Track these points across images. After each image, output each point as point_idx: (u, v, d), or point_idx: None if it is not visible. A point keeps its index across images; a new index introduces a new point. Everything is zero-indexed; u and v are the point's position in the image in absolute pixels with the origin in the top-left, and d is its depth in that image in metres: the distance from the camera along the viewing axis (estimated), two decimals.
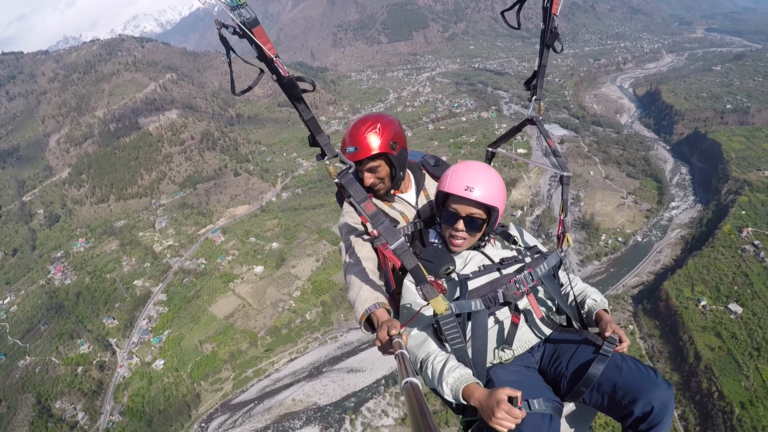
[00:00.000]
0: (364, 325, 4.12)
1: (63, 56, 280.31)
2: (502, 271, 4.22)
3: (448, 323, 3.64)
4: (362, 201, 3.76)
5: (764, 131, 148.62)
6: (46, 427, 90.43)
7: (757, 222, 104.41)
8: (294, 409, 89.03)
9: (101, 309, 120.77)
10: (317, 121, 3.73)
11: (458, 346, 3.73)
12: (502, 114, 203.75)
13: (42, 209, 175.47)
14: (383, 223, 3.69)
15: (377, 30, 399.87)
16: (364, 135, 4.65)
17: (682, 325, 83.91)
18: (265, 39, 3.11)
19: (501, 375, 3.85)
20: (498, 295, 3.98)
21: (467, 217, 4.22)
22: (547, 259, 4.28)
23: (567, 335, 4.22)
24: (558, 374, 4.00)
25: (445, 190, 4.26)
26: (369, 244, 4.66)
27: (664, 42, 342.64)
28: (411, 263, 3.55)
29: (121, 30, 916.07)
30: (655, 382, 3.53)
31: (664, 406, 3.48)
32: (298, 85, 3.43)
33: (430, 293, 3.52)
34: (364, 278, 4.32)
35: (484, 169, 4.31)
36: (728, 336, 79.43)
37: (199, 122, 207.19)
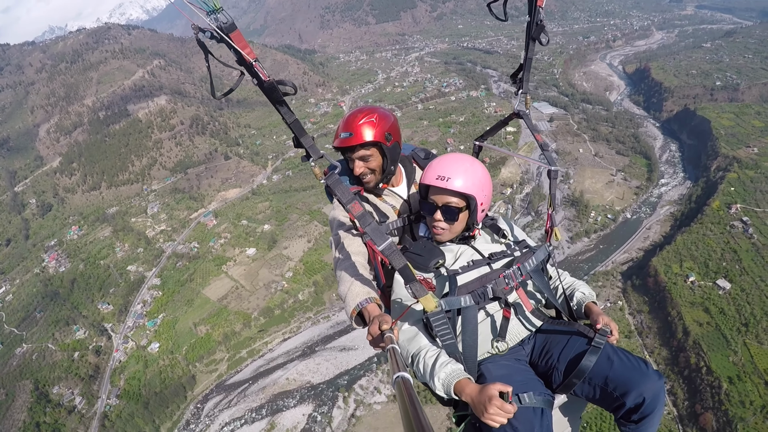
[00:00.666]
0: (355, 319, 4.15)
1: (50, 46, 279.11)
2: (491, 265, 4.27)
3: (438, 320, 3.70)
4: (349, 202, 3.80)
5: (754, 108, 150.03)
6: (45, 412, 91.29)
7: (746, 198, 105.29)
8: (288, 388, 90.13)
9: (96, 295, 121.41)
10: (300, 123, 3.78)
11: (449, 341, 3.78)
12: (492, 92, 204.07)
13: (34, 199, 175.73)
14: (370, 224, 3.72)
15: (365, 11, 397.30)
16: (360, 123, 4.65)
17: (671, 301, 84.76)
18: (244, 43, 3.18)
19: (492, 369, 3.91)
20: (487, 290, 4.04)
21: (443, 207, 4.27)
22: (535, 253, 4.35)
23: (557, 327, 4.27)
24: (549, 366, 4.06)
25: (422, 181, 4.37)
26: (359, 239, 4.70)
27: (654, 19, 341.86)
28: (399, 263, 3.58)
29: (107, 18, 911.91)
30: (646, 374, 3.62)
31: (656, 397, 3.58)
32: (279, 89, 3.46)
33: (419, 291, 3.55)
34: (355, 273, 4.37)
35: (462, 160, 4.35)
36: (716, 311, 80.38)
37: (188, 107, 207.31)
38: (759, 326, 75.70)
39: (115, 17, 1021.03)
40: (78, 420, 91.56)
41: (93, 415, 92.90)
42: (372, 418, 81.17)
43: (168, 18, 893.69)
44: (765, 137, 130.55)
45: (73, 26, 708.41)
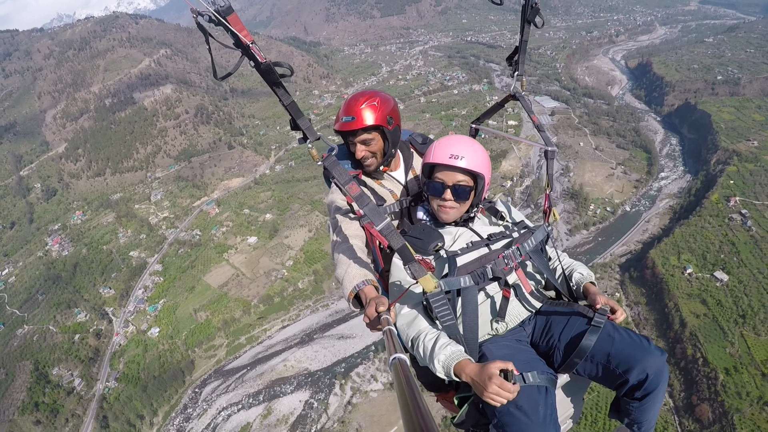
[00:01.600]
0: (352, 302, 4.13)
1: (58, 33, 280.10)
2: (490, 246, 4.22)
3: (437, 301, 3.69)
4: (346, 183, 3.77)
5: (754, 102, 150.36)
6: (44, 392, 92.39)
7: (745, 191, 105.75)
8: (285, 375, 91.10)
9: (98, 279, 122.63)
10: (297, 106, 3.72)
11: (449, 323, 3.76)
12: (494, 86, 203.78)
13: (39, 183, 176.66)
14: (368, 204, 3.68)
15: (370, 4, 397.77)
16: (362, 106, 4.63)
17: (668, 293, 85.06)
18: (241, 26, 3.18)
19: (494, 350, 3.87)
20: (487, 270, 3.99)
21: (454, 186, 4.25)
22: (534, 233, 4.32)
23: (557, 308, 4.24)
24: (550, 346, 4.05)
25: (431, 161, 4.31)
26: (356, 222, 4.64)
27: (657, 14, 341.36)
28: (398, 243, 3.58)
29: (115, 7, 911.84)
30: (648, 350, 3.64)
31: (659, 373, 3.60)
32: (275, 71, 3.43)
33: (418, 272, 3.55)
34: (352, 256, 4.36)
35: (468, 140, 4.36)
36: (714, 303, 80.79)
37: (193, 97, 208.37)
38: (756, 318, 76.15)
39: (123, 6, 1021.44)
40: (77, 401, 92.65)
41: (91, 397, 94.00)
42: (368, 406, 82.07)
43: (175, 8, 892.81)
44: (765, 131, 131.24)
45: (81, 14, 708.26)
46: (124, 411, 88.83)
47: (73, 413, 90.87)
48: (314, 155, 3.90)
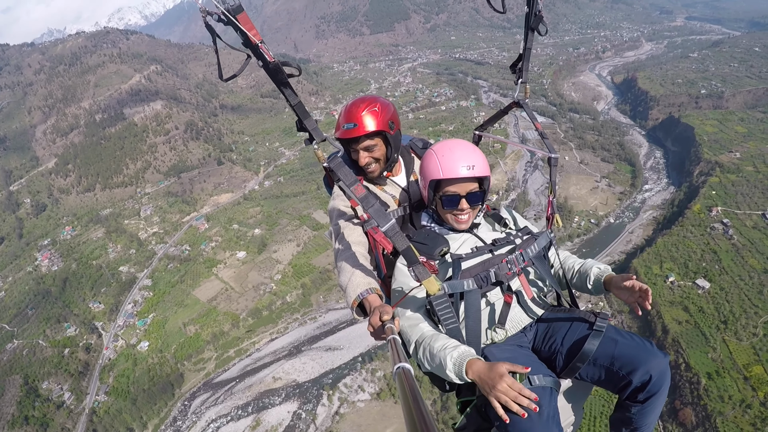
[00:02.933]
0: (356, 310, 4.12)
1: (49, 48, 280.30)
2: (494, 252, 4.23)
3: (441, 303, 3.71)
4: (352, 184, 3.84)
5: (737, 114, 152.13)
6: (33, 406, 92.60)
7: (726, 201, 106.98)
8: (274, 386, 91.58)
9: (87, 294, 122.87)
10: (304, 106, 3.83)
11: (452, 326, 3.77)
12: (481, 102, 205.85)
13: (29, 198, 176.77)
14: (374, 205, 3.76)
15: (360, 21, 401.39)
16: (363, 113, 4.63)
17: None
18: (250, 25, 3.24)
19: (496, 353, 3.89)
20: (490, 274, 4.01)
21: (469, 194, 4.26)
22: (537, 240, 4.33)
23: (559, 314, 4.28)
24: (553, 352, 4.07)
25: (442, 176, 4.23)
26: (359, 228, 4.64)
27: (644, 30, 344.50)
28: (403, 244, 3.64)
29: (106, 22, 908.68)
30: (651, 352, 3.63)
31: (662, 374, 3.61)
32: (283, 70, 3.55)
33: (422, 274, 3.59)
34: (356, 263, 4.34)
35: (468, 144, 4.40)
36: (695, 310, 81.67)
37: (183, 113, 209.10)
38: (738, 323, 77.05)
39: (113, 22, 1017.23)
40: (66, 415, 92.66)
41: (81, 411, 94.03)
42: (356, 416, 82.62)
43: (166, 24, 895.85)
44: (747, 142, 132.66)
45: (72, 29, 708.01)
46: (113, 424, 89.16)
47: (62, 427, 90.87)
48: (320, 156, 4.13)
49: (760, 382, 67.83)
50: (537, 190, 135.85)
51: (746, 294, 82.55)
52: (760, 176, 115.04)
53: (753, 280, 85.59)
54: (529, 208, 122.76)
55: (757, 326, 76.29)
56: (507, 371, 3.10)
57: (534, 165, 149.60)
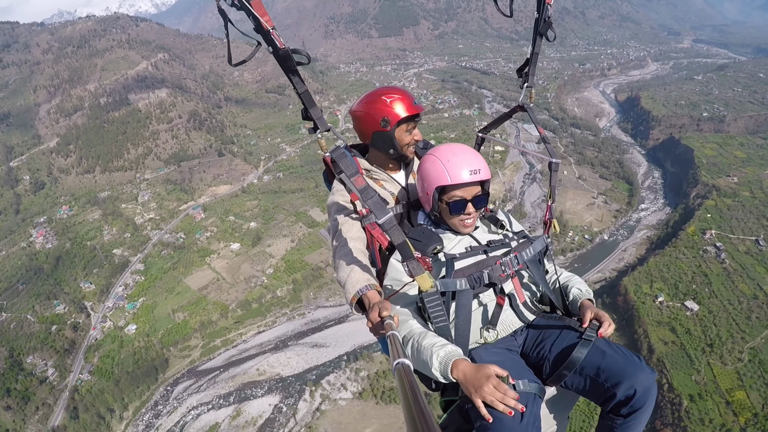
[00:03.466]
0: (355, 306, 4.11)
1: (58, 29, 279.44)
2: (488, 253, 4.26)
3: (432, 301, 3.71)
4: (353, 175, 3.88)
5: (737, 139, 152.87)
6: (17, 379, 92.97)
7: (721, 225, 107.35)
8: (257, 379, 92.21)
9: (79, 273, 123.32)
10: (311, 94, 3.83)
11: (442, 324, 3.78)
12: (484, 112, 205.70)
13: (28, 175, 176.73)
14: (372, 197, 3.78)
15: (368, 24, 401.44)
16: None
17: (638, 319, 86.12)
18: (263, 11, 3.25)
19: (484, 355, 3.89)
20: (483, 275, 4.02)
21: (475, 198, 4.29)
22: (533, 244, 4.34)
23: (550, 321, 4.25)
24: (540, 358, 4.04)
25: (450, 182, 4.23)
26: (358, 224, 4.57)
27: (651, 50, 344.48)
28: (399, 238, 3.64)
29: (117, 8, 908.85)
30: (639, 367, 3.61)
31: (647, 390, 3.57)
32: (293, 58, 3.53)
33: (416, 269, 3.60)
34: (354, 259, 4.30)
35: (467, 148, 4.45)
36: (682, 331, 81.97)
37: (187, 102, 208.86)
38: (724, 347, 77.29)
39: (124, 8, 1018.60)
40: (48, 390, 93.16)
41: (64, 388, 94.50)
42: (336, 413, 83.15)
43: (176, 14, 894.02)
44: (746, 167, 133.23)
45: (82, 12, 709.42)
46: (95, 403, 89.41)
47: (44, 402, 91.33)
48: (323, 145, 4.09)
49: (742, 407, 68.19)
50: (534, 203, 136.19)
51: (734, 318, 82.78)
52: (756, 202, 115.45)
53: (742, 305, 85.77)
54: (525, 219, 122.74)
55: (743, 351, 76.59)
56: (494, 373, 3.15)
57: (532, 177, 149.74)
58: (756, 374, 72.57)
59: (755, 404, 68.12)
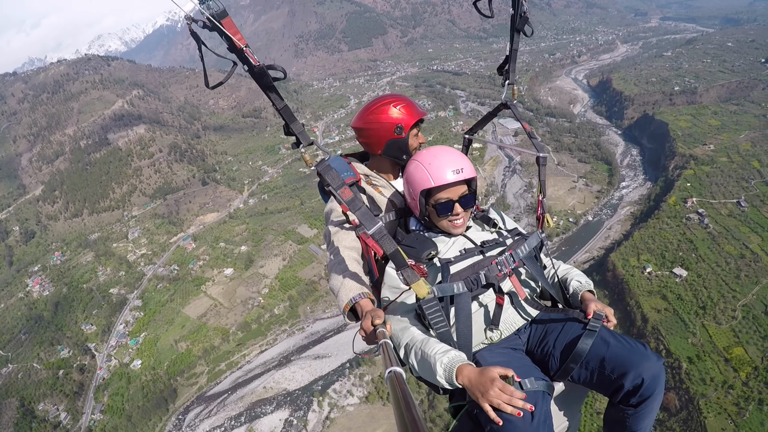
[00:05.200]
0: (347, 315, 4.12)
1: (31, 77, 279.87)
2: (484, 253, 4.21)
3: (431, 307, 3.66)
4: (339, 187, 3.85)
5: (710, 108, 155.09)
6: (30, 427, 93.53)
7: (701, 192, 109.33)
8: (265, 396, 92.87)
9: (79, 317, 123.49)
10: (290, 110, 3.87)
11: (443, 330, 3.73)
12: (459, 112, 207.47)
13: (17, 226, 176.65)
14: (360, 208, 3.75)
15: (337, 39, 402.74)
16: None
17: (629, 292, 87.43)
18: (235, 30, 3.24)
19: (488, 357, 3.87)
20: (480, 277, 3.97)
21: (461, 198, 4.28)
22: (527, 240, 4.33)
23: (553, 315, 4.21)
24: (546, 354, 4.01)
25: (433, 185, 4.24)
26: (353, 233, 4.63)
27: (619, 33, 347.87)
28: (390, 248, 3.61)
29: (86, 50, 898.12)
30: (644, 355, 3.56)
31: (655, 378, 3.52)
32: (269, 74, 3.54)
33: (411, 277, 3.55)
34: (348, 268, 4.35)
35: (449, 148, 4.43)
36: (674, 298, 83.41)
37: (166, 135, 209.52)
38: (716, 308, 78.68)
39: (94, 49, 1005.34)
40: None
41: (78, 430, 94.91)
42: (346, 420, 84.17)
43: (146, 49, 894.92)
44: (721, 134, 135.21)
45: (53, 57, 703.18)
46: None
47: None
48: (307, 160, 4.07)
49: (741, 362, 69.35)
50: (516, 194, 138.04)
51: (724, 279, 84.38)
52: (734, 166, 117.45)
53: (730, 265, 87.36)
54: (509, 211, 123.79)
55: (735, 309, 77.95)
56: (498, 375, 3.14)
57: (512, 170, 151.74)
58: (752, 329, 73.97)
59: (754, 358, 69.44)
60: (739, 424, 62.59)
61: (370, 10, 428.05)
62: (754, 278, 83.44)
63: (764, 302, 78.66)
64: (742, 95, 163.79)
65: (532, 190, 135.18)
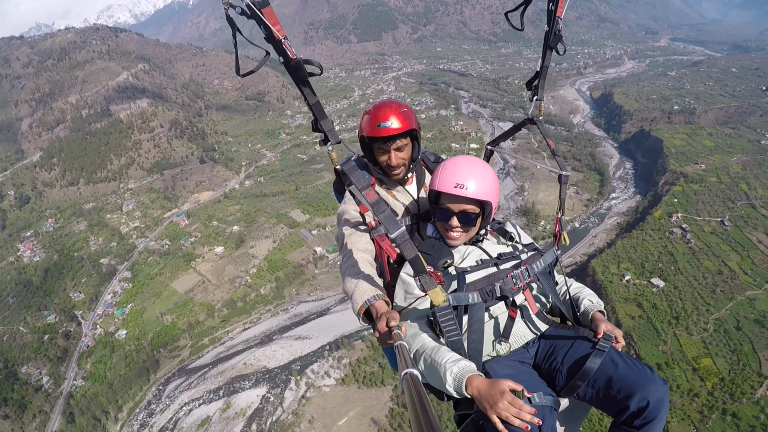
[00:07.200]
0: (362, 317, 4.05)
1: (38, 42, 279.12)
2: (499, 266, 4.17)
3: (444, 315, 3.66)
4: (364, 188, 3.71)
5: (706, 130, 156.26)
6: (12, 389, 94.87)
7: (687, 208, 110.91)
8: (244, 372, 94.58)
9: (68, 284, 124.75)
10: (322, 106, 3.75)
11: (454, 338, 3.72)
12: (461, 112, 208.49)
13: (13, 191, 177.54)
14: (384, 211, 3.62)
15: (348, 29, 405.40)
16: (398, 112, 4.64)
17: (606, 297, 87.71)
18: (275, 20, 3.14)
19: (497, 369, 3.86)
20: (495, 288, 3.96)
21: (460, 213, 4.21)
22: (543, 256, 4.30)
23: (562, 332, 4.23)
24: (553, 369, 4.04)
25: (435, 188, 4.26)
26: (367, 235, 4.52)
27: (627, 49, 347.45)
28: (411, 253, 3.52)
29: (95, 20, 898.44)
30: (651, 378, 3.57)
31: (660, 402, 3.53)
32: (305, 68, 3.42)
33: (428, 284, 3.48)
34: (362, 270, 4.25)
35: (475, 164, 4.28)
36: (649, 306, 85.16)
37: (168, 111, 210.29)
38: (689, 319, 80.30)
39: (102, 19, 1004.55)
40: (44, 398, 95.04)
41: (59, 395, 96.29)
42: (321, 399, 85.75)
43: (156, 24, 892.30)
44: (714, 155, 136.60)
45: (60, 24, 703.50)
46: (90, 407, 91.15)
47: (40, 409, 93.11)
48: (334, 158, 3.99)
49: (708, 373, 70.90)
50: (507, 195, 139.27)
51: (699, 293, 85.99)
52: (722, 186, 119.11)
53: (707, 280, 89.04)
54: (498, 211, 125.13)
55: (708, 322, 79.54)
56: (508, 389, 3.13)
57: (506, 172, 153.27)
58: (722, 342, 75.59)
59: (721, 370, 71.06)
60: (702, 431, 64.35)
61: (382, 4, 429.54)
62: (729, 294, 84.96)
63: (737, 317, 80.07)
64: (739, 120, 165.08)
65: (523, 193, 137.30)
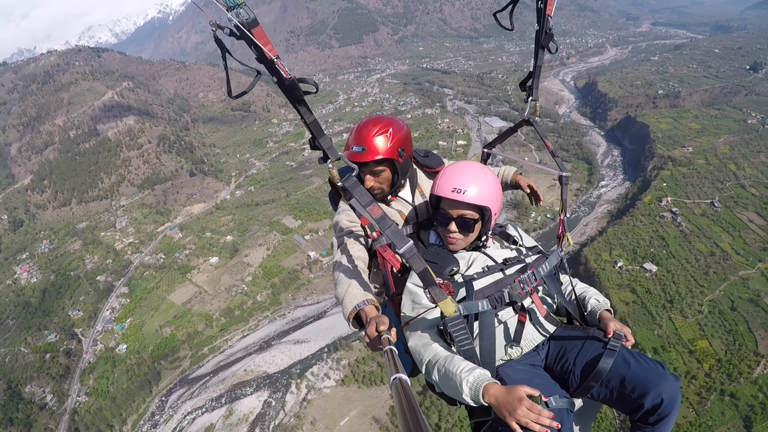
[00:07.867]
0: (352, 322, 4.05)
1: (21, 67, 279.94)
2: (505, 271, 4.17)
3: (456, 325, 3.61)
4: (368, 205, 3.77)
5: (692, 112, 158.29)
6: (17, 408, 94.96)
7: (676, 192, 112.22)
8: (245, 378, 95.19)
9: (66, 303, 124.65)
10: (319, 124, 3.74)
11: (467, 347, 3.67)
12: (446, 110, 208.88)
13: (6, 215, 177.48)
14: (390, 226, 3.69)
15: (328, 35, 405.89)
16: (374, 137, 4.52)
17: (599, 284, 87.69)
18: (266, 40, 3.11)
19: (511, 374, 3.84)
20: (504, 294, 3.92)
21: (459, 218, 4.21)
22: (548, 258, 4.28)
23: (571, 332, 4.22)
24: (565, 371, 4.02)
25: (435, 193, 4.28)
26: (360, 243, 4.61)
27: (609, 37, 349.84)
28: (420, 266, 3.53)
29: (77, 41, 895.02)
30: (663, 375, 3.59)
31: (673, 398, 3.55)
32: (300, 87, 3.43)
33: (438, 296, 3.48)
34: (353, 276, 4.28)
35: (475, 169, 4.27)
36: (642, 291, 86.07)
37: (155, 127, 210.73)
38: (683, 302, 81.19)
39: (84, 40, 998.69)
40: (49, 416, 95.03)
41: (63, 412, 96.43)
42: (322, 401, 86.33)
43: (137, 41, 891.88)
44: (700, 137, 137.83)
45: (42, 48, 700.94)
46: (94, 422, 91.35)
47: (45, 427, 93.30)
48: (334, 176, 4.02)
49: (705, 354, 71.77)
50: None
51: (692, 275, 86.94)
52: (710, 168, 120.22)
53: (699, 262, 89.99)
54: None
55: (702, 304, 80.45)
56: (525, 395, 3.11)
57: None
58: (717, 323, 76.43)
59: (718, 351, 71.90)
60: (701, 412, 65.07)
61: (362, 7, 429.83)
62: (723, 275, 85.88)
63: (731, 298, 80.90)
64: (724, 100, 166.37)
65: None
